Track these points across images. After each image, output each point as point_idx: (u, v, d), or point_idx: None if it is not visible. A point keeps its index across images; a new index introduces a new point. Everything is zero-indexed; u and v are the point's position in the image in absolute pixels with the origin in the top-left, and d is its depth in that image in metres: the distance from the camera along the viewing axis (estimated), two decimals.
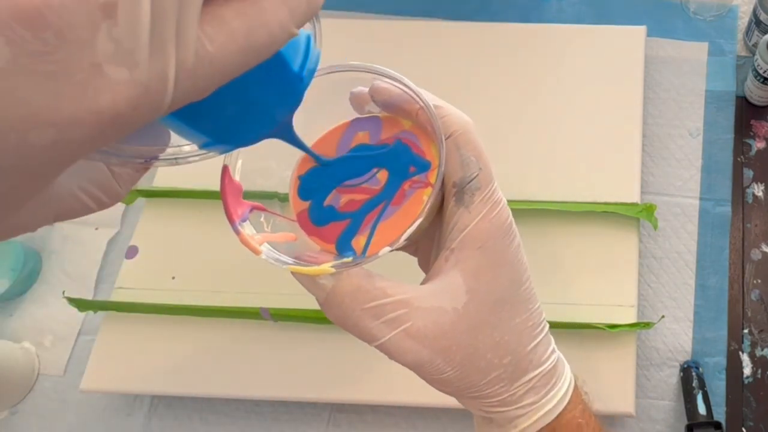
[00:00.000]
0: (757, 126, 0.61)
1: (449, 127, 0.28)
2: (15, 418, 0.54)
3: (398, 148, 0.29)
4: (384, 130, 0.30)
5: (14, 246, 0.57)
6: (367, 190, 0.29)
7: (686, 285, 0.55)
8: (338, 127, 0.30)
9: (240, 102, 0.22)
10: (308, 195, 0.30)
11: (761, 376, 0.52)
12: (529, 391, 0.27)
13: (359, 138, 0.30)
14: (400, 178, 0.29)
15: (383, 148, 0.29)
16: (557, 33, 0.63)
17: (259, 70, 0.18)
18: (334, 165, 0.29)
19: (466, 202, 0.27)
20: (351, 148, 0.29)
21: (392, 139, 0.29)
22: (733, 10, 0.66)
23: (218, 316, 0.51)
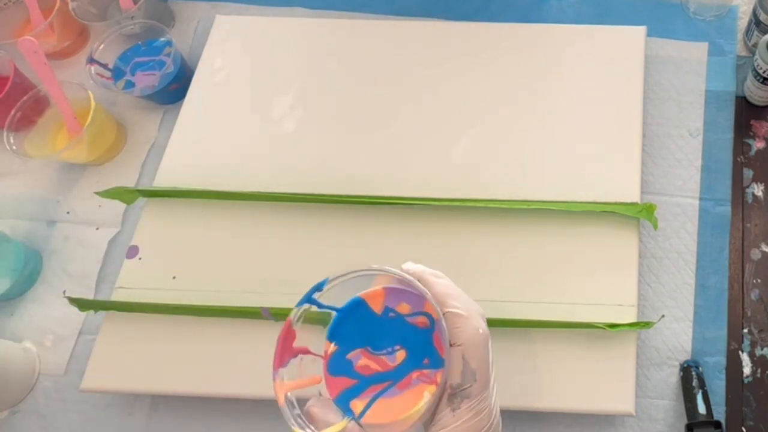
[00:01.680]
0: (756, 126, 0.61)
1: (460, 337, 0.31)
2: (15, 418, 0.54)
3: (423, 335, 0.33)
4: (422, 313, 0.33)
5: (15, 246, 0.57)
6: (383, 363, 0.32)
7: (686, 285, 0.55)
8: (393, 289, 0.34)
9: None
10: (338, 341, 0.33)
11: (761, 375, 0.52)
12: None
13: (403, 307, 0.33)
14: (413, 365, 0.32)
15: (413, 329, 0.33)
16: (557, 33, 0.63)
17: None
18: (371, 323, 0.33)
19: (454, 405, 0.30)
20: (391, 314, 0.33)
21: (423, 324, 0.33)
22: (733, 10, 0.66)
23: (219, 316, 0.51)
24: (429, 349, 0.32)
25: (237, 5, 0.71)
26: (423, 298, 0.33)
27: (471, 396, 0.30)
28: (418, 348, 0.32)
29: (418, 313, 0.33)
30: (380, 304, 0.34)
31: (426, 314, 0.33)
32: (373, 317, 0.33)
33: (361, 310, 0.34)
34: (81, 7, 0.67)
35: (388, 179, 0.56)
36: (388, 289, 0.34)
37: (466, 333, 0.31)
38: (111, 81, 0.63)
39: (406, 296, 0.34)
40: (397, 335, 0.32)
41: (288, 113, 0.60)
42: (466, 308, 0.32)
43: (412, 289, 0.33)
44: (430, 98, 0.60)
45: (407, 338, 0.32)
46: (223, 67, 0.63)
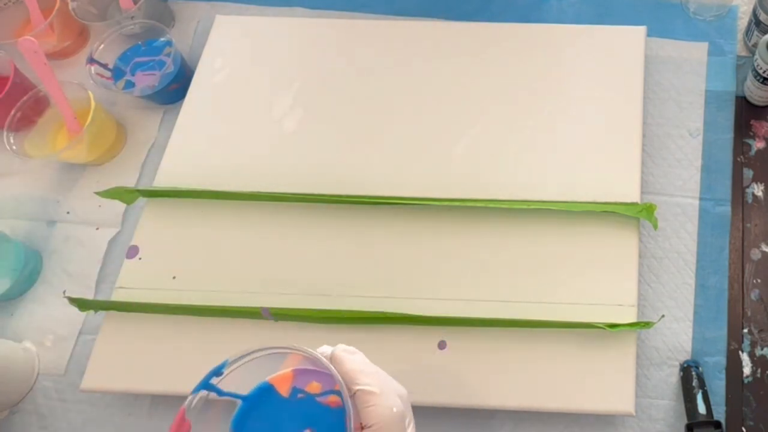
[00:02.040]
0: (756, 126, 0.61)
1: (371, 417, 0.29)
2: (15, 417, 0.54)
3: (335, 415, 0.30)
4: (334, 391, 0.31)
5: (15, 246, 0.57)
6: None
7: (686, 285, 0.55)
8: (303, 369, 0.32)
9: None
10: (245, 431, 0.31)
11: (761, 375, 0.52)
12: None
13: (313, 387, 0.31)
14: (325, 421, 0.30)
15: (324, 409, 0.31)
16: (557, 33, 0.63)
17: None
18: (279, 408, 0.31)
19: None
20: (300, 395, 0.31)
21: (335, 404, 0.31)
22: (733, 10, 0.66)
23: (219, 316, 0.51)
24: (339, 425, 0.29)
25: (237, 5, 0.71)
26: (332, 380, 0.31)
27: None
28: (331, 430, 0.30)
29: (329, 392, 0.31)
30: (288, 387, 0.32)
31: (338, 392, 0.31)
32: (281, 401, 0.31)
33: (268, 396, 0.32)
34: (81, 7, 0.67)
35: (388, 179, 0.56)
36: (298, 371, 0.32)
37: (378, 412, 0.29)
38: (111, 81, 0.63)
39: (317, 375, 0.32)
40: (307, 418, 0.30)
41: (288, 113, 0.60)
42: (379, 385, 0.30)
43: (320, 367, 0.31)
44: (430, 98, 0.60)
45: (318, 420, 0.30)
46: (223, 67, 0.63)
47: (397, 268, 0.53)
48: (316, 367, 0.32)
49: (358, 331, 0.50)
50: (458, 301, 0.51)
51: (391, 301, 0.51)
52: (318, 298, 0.51)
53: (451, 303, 0.51)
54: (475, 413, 0.51)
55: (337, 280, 0.52)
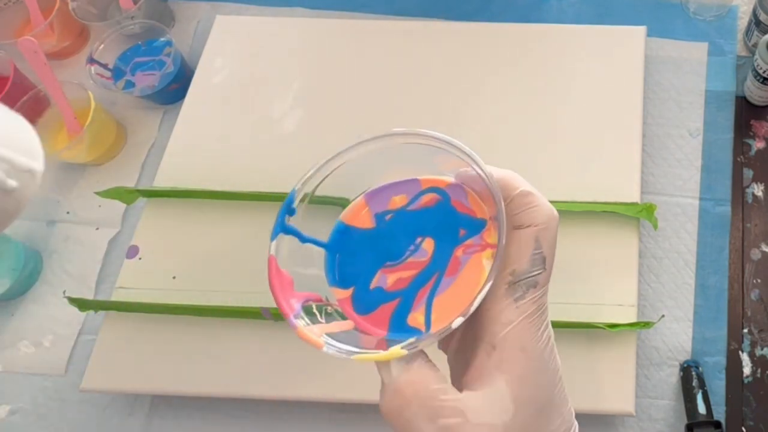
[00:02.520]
0: (756, 126, 0.61)
1: (536, 218, 0.26)
2: (15, 417, 0.54)
3: (442, 210, 0.27)
4: (425, 191, 0.27)
5: (15, 246, 0.57)
6: (414, 265, 0.26)
7: (686, 285, 0.55)
8: (374, 192, 0.28)
9: None
10: (350, 281, 0.27)
11: (761, 375, 0.52)
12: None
13: (396, 201, 0.27)
14: (450, 244, 0.26)
15: (423, 213, 0.27)
16: (557, 33, 0.63)
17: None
18: (372, 240, 0.27)
19: (517, 296, 0.25)
20: (388, 217, 0.27)
21: (432, 201, 0.27)
22: (733, 10, 0.66)
23: (218, 316, 0.51)
24: (457, 218, 0.26)
25: (237, 5, 0.71)
26: (416, 182, 0.27)
27: (537, 286, 0.25)
28: (444, 225, 0.26)
29: (420, 194, 0.27)
30: (367, 217, 0.27)
31: (431, 189, 0.27)
32: (370, 234, 0.27)
33: (351, 235, 0.27)
34: (81, 7, 0.67)
35: None
36: (368, 195, 0.28)
37: (543, 212, 0.26)
38: (111, 81, 0.63)
39: (393, 189, 0.27)
40: (410, 230, 0.26)
41: (288, 113, 0.60)
42: (534, 189, 0.27)
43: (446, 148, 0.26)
44: (429, 98, 0.60)
45: (424, 225, 0.26)
46: (223, 67, 0.63)
47: None
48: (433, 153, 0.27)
49: None
50: None
51: None
52: None
53: None
54: None
55: None
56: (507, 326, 0.25)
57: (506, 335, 0.24)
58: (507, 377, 0.24)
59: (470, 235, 0.26)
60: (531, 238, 0.25)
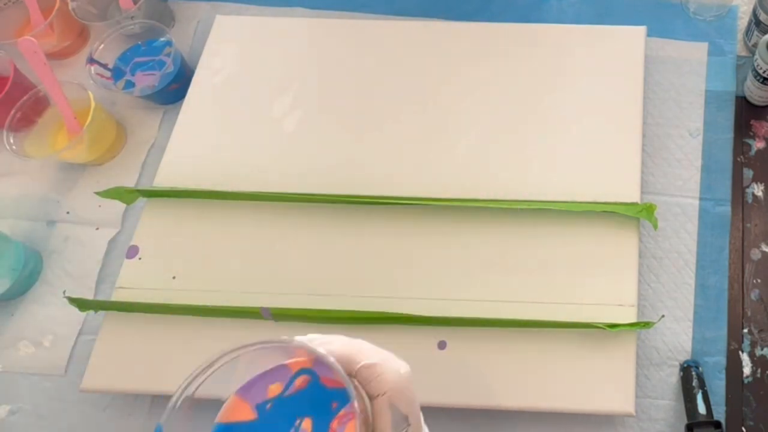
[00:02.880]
0: (756, 126, 0.61)
1: (383, 385, 0.28)
2: (15, 418, 0.54)
3: (314, 389, 0.29)
4: (297, 374, 0.29)
5: (15, 246, 0.57)
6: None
7: (686, 285, 0.55)
8: (245, 387, 0.30)
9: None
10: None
11: (761, 375, 0.52)
12: None
13: (273, 390, 0.29)
14: (326, 419, 0.28)
15: (299, 395, 0.29)
16: (557, 33, 0.63)
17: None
18: (254, 429, 0.28)
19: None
20: (268, 406, 0.29)
21: (305, 382, 0.29)
22: (733, 10, 0.66)
23: (218, 316, 0.51)
24: (328, 394, 0.28)
25: (237, 5, 0.71)
26: (286, 368, 0.29)
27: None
28: (318, 402, 0.28)
29: (293, 379, 0.29)
30: (247, 410, 0.29)
31: (301, 372, 0.29)
32: (253, 425, 0.29)
33: (234, 431, 0.29)
34: (81, 7, 0.67)
35: (387, 179, 0.56)
36: (242, 390, 0.30)
37: (389, 379, 0.28)
38: (111, 81, 0.63)
39: (267, 378, 0.29)
40: (290, 414, 0.28)
41: (288, 113, 0.60)
42: (377, 356, 0.29)
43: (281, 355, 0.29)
44: (430, 98, 0.60)
45: (301, 406, 0.28)
46: (223, 67, 0.63)
47: (397, 268, 0.53)
48: (274, 354, 0.29)
49: (358, 331, 0.50)
50: (458, 301, 0.51)
51: (391, 301, 0.51)
52: (318, 298, 0.51)
53: (451, 303, 0.51)
54: (475, 413, 0.51)
55: (337, 280, 0.52)
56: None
57: None
58: None
59: (341, 405, 0.28)
60: (385, 406, 0.28)
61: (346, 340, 0.30)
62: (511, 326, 0.49)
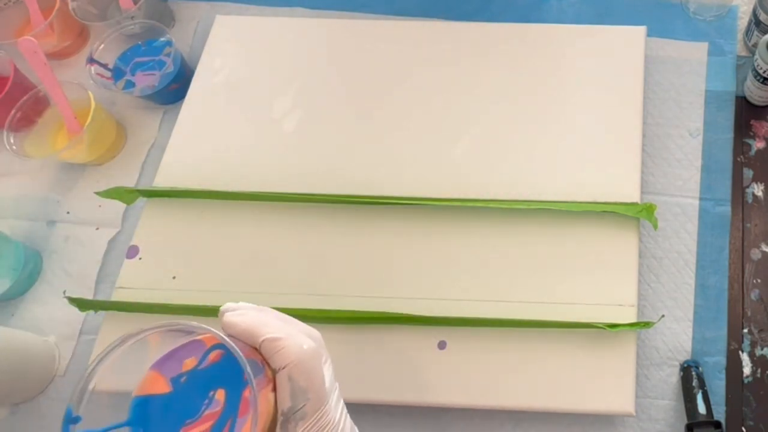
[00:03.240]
0: (756, 126, 0.61)
1: (284, 359, 0.29)
2: (15, 418, 0.54)
3: (228, 362, 0.29)
4: (210, 349, 0.30)
5: (15, 246, 0.57)
6: (210, 416, 0.29)
7: (686, 285, 0.55)
8: (160, 361, 0.31)
9: None
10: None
11: (761, 375, 0.52)
12: None
13: (187, 365, 0.30)
14: (238, 389, 0.29)
15: (213, 368, 0.30)
16: (557, 33, 0.63)
17: None
18: (171, 403, 0.29)
19: (288, 430, 0.28)
20: (183, 379, 0.30)
21: (219, 356, 0.30)
22: (733, 10, 0.66)
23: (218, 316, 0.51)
24: (239, 366, 0.29)
25: (237, 5, 0.71)
26: (200, 343, 0.30)
27: (306, 416, 0.29)
28: (231, 374, 0.29)
29: (207, 353, 0.30)
30: (163, 383, 0.30)
31: (215, 347, 0.30)
32: (168, 397, 0.30)
33: (151, 404, 0.30)
34: (81, 7, 0.67)
35: (387, 179, 0.56)
36: (157, 364, 0.30)
37: (290, 353, 0.29)
38: (111, 81, 0.64)
39: (182, 353, 0.30)
40: (203, 386, 0.29)
41: (288, 113, 0.60)
42: (282, 330, 0.30)
43: (189, 332, 0.30)
44: (430, 98, 0.60)
45: (215, 378, 0.29)
46: (223, 67, 0.63)
47: (397, 268, 0.53)
48: (181, 337, 0.30)
49: (358, 331, 0.50)
50: (458, 301, 0.51)
51: (391, 301, 0.51)
52: (318, 298, 0.51)
53: (451, 303, 0.51)
54: (475, 413, 0.51)
55: (336, 280, 0.52)
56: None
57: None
58: None
59: (255, 375, 0.29)
60: (285, 379, 0.29)
61: (255, 312, 0.31)
62: (510, 326, 0.49)
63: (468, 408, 0.49)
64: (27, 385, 0.53)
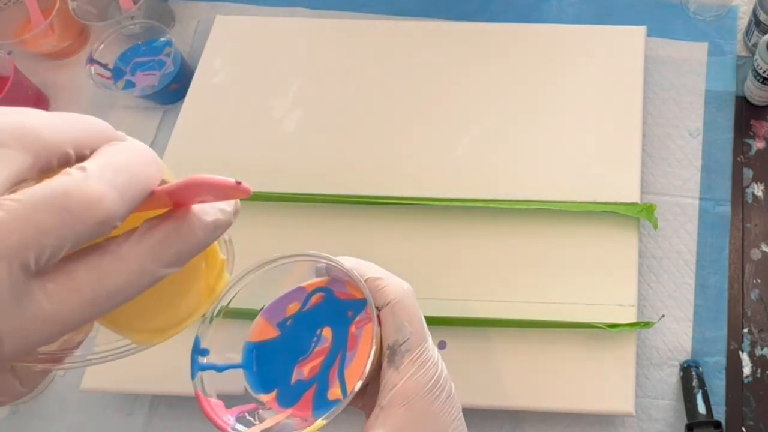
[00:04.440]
0: (756, 126, 0.61)
1: (387, 296, 0.31)
2: (15, 418, 0.54)
3: (330, 303, 0.32)
4: (312, 292, 0.33)
5: None
6: (320, 352, 0.31)
7: (686, 285, 0.55)
8: (271, 308, 0.33)
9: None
10: (272, 384, 0.31)
11: (761, 375, 0.52)
12: None
13: (292, 308, 0.33)
14: (344, 326, 0.31)
15: (316, 310, 0.32)
16: (557, 33, 0.63)
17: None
18: (281, 345, 0.32)
19: (396, 363, 0.30)
20: (288, 322, 0.32)
21: (321, 298, 0.33)
22: (733, 10, 0.66)
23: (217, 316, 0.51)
24: (342, 304, 0.32)
25: (237, 5, 0.71)
26: (302, 289, 0.32)
27: (411, 349, 0.30)
28: (335, 313, 0.32)
29: (308, 297, 0.33)
30: (271, 329, 0.32)
31: (317, 290, 0.33)
32: (278, 341, 0.32)
33: (262, 349, 0.32)
34: (81, 7, 0.67)
35: (387, 179, 0.56)
36: (265, 313, 0.33)
37: (392, 291, 0.31)
38: (111, 81, 0.63)
39: (285, 300, 0.33)
40: (310, 326, 0.32)
41: (288, 113, 0.60)
42: (382, 272, 0.33)
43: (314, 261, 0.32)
44: (430, 98, 0.60)
45: (320, 318, 0.32)
46: (223, 67, 0.63)
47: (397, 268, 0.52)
48: (310, 268, 0.33)
49: None
50: (458, 301, 0.51)
51: None
52: None
53: (451, 303, 0.51)
54: (475, 413, 0.51)
55: None
56: (392, 389, 0.29)
57: (391, 397, 0.29)
58: (386, 429, 0.29)
59: (357, 313, 0.31)
60: (390, 314, 0.31)
61: (355, 259, 0.33)
62: (511, 326, 0.49)
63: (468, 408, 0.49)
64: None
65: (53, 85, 0.68)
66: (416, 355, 0.30)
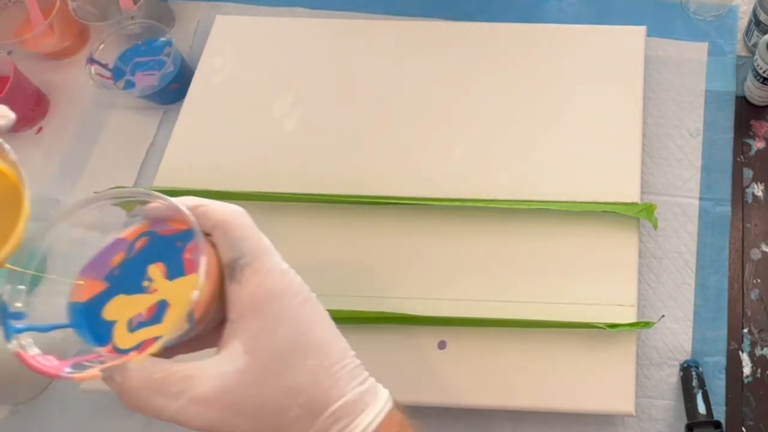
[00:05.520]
0: (756, 126, 0.61)
1: (211, 218, 0.30)
2: (15, 418, 0.54)
3: (156, 242, 0.30)
4: (132, 241, 0.31)
5: None
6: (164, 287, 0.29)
7: (686, 285, 0.55)
8: (87, 267, 0.32)
9: None
10: (108, 336, 0.29)
11: (761, 375, 0.52)
12: (334, 422, 0.29)
13: (116, 261, 0.31)
14: (176, 256, 0.30)
15: (142, 253, 0.30)
16: (557, 33, 0.63)
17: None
18: (112, 295, 0.30)
19: (237, 278, 0.29)
20: (116, 272, 0.31)
21: (146, 242, 0.31)
22: (733, 10, 0.66)
23: None
24: (169, 240, 0.30)
25: (237, 5, 0.71)
26: (122, 240, 0.31)
27: (251, 262, 0.29)
28: (164, 248, 0.30)
29: (132, 244, 0.31)
30: (97, 284, 0.31)
31: (141, 236, 0.31)
32: (106, 294, 0.30)
33: (91, 305, 0.31)
34: (81, 7, 0.67)
35: (387, 179, 0.56)
36: (85, 271, 0.31)
37: (216, 212, 0.30)
38: (111, 81, 0.63)
39: (106, 254, 0.31)
40: (139, 269, 0.30)
41: (288, 113, 0.60)
42: (204, 200, 0.31)
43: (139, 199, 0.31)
44: (429, 98, 0.60)
45: (148, 258, 0.30)
46: (223, 67, 0.63)
47: (397, 268, 0.53)
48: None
49: (358, 331, 0.50)
50: (458, 301, 0.51)
51: (391, 301, 0.51)
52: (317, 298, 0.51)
53: (451, 303, 0.51)
54: (475, 413, 0.51)
55: (336, 280, 0.52)
56: (237, 303, 0.29)
57: (240, 310, 0.28)
58: (241, 337, 0.28)
59: (186, 242, 0.30)
60: (221, 236, 0.30)
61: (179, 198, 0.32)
62: (511, 326, 0.49)
63: (468, 408, 0.49)
64: (27, 386, 0.53)
65: (53, 85, 0.68)
66: (258, 267, 0.29)
